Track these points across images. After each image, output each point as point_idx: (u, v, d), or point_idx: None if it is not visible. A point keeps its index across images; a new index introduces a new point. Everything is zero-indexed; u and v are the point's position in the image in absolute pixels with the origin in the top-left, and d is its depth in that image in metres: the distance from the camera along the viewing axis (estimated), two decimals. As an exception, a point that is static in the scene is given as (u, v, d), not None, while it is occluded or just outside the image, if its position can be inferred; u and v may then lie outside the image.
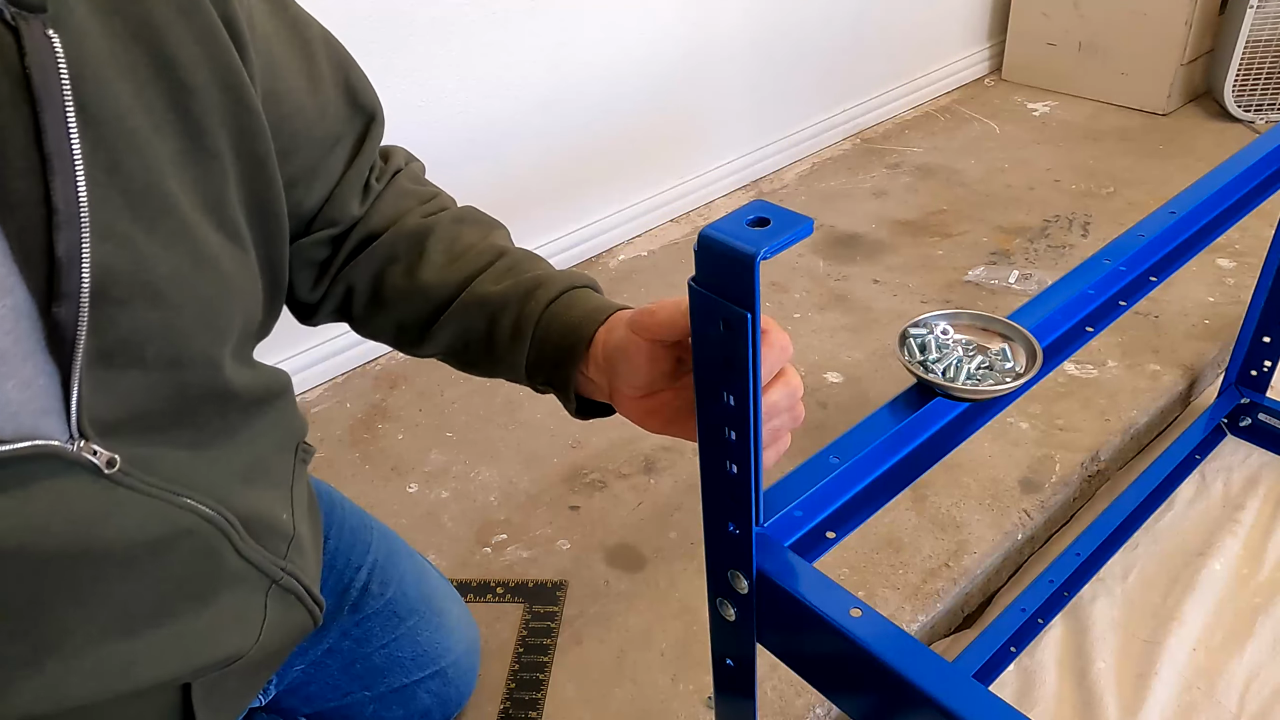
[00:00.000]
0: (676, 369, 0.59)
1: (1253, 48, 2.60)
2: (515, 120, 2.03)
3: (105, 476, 0.53)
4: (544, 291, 0.67)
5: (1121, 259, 0.90)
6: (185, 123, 0.53)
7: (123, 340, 0.52)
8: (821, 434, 1.63)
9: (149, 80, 0.51)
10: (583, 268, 2.29)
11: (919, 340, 0.77)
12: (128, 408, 0.54)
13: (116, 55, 0.50)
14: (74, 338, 0.48)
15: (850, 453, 0.71)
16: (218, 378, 0.60)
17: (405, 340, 0.75)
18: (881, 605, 1.39)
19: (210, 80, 0.54)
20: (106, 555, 0.55)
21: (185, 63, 0.53)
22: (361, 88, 0.72)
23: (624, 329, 0.59)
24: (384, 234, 0.73)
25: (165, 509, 0.58)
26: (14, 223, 0.46)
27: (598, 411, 0.69)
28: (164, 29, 0.52)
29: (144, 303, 0.52)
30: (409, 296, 0.71)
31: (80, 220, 0.47)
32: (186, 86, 0.53)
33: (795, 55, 2.55)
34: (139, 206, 0.51)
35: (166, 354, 0.55)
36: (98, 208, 0.48)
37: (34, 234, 0.46)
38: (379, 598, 0.95)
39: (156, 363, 0.54)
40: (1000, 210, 2.40)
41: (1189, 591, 1.44)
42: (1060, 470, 1.61)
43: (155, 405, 0.56)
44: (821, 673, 0.66)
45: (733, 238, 0.44)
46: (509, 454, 1.72)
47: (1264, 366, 1.62)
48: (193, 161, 0.54)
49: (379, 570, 0.95)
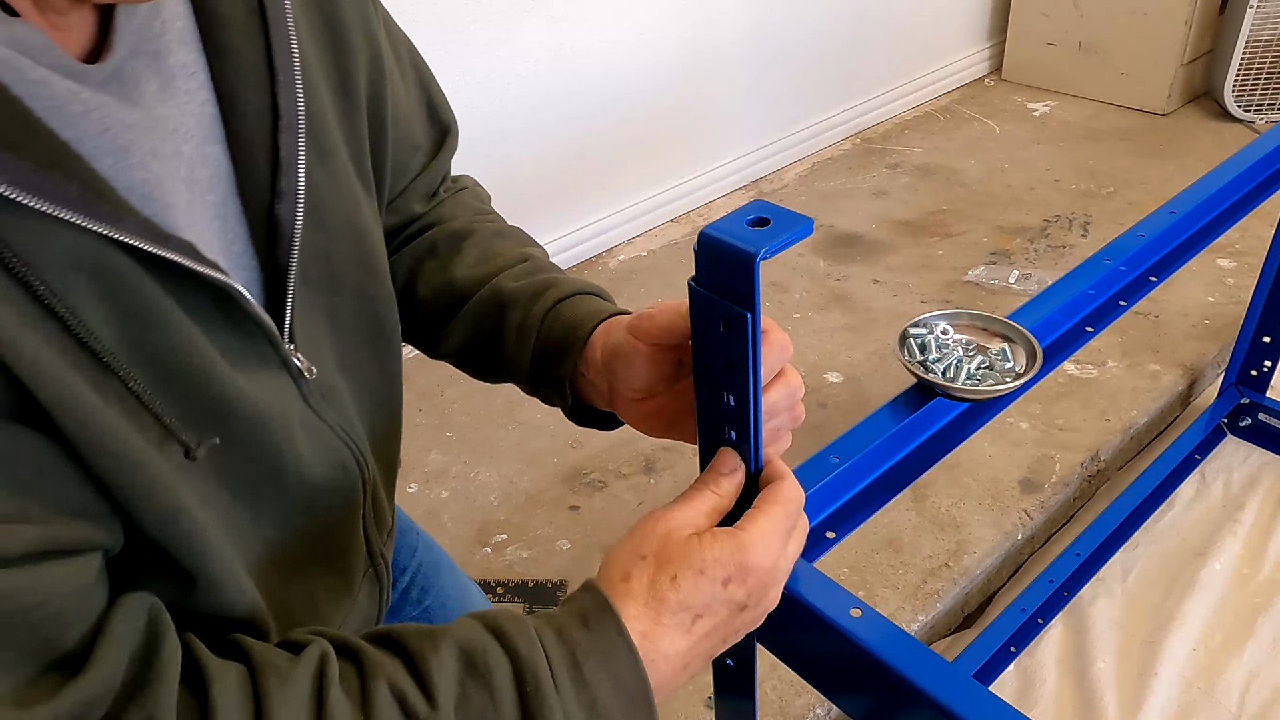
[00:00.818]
0: (676, 372, 0.60)
1: (1253, 48, 2.60)
2: (515, 120, 2.03)
3: (301, 390, 0.56)
4: (553, 292, 0.69)
5: (1121, 259, 0.90)
6: (340, 74, 0.59)
7: (310, 264, 0.56)
8: (821, 434, 1.63)
9: (320, 28, 0.57)
10: (583, 267, 2.29)
11: (919, 340, 0.77)
12: (315, 331, 0.58)
13: (300, 8, 0.55)
14: (291, 235, 0.53)
15: (850, 453, 0.72)
16: (380, 313, 0.64)
17: (427, 336, 0.77)
18: (881, 605, 1.39)
19: (362, 44, 0.60)
20: (293, 473, 0.55)
21: (347, 23, 0.59)
22: (439, 103, 0.76)
23: (623, 333, 0.60)
24: (431, 229, 0.77)
25: (334, 441, 0.59)
26: (244, 130, 0.51)
27: (596, 420, 0.69)
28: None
29: (319, 229, 0.56)
30: (437, 290, 0.74)
31: (298, 126, 0.52)
32: (345, 43, 0.59)
33: (795, 55, 2.55)
34: (317, 142, 0.55)
35: (346, 279, 0.59)
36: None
37: (261, 139, 0.52)
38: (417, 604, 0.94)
39: (338, 285, 0.59)
40: (1000, 210, 2.40)
41: (1189, 591, 1.44)
42: (1060, 470, 1.61)
43: (334, 332, 0.60)
44: (821, 673, 0.67)
45: (733, 238, 0.44)
46: (509, 454, 1.72)
47: (1264, 366, 1.62)
48: (343, 113, 0.59)
49: (420, 577, 0.95)
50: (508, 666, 0.47)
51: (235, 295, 0.48)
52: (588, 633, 0.48)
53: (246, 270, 0.53)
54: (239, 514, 0.52)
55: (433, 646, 0.47)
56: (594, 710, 0.48)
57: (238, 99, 0.51)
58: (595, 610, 0.49)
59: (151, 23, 0.47)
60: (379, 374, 0.66)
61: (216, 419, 0.48)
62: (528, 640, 0.47)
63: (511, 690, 0.47)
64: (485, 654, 0.47)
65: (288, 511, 0.57)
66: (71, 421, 0.40)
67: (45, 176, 0.39)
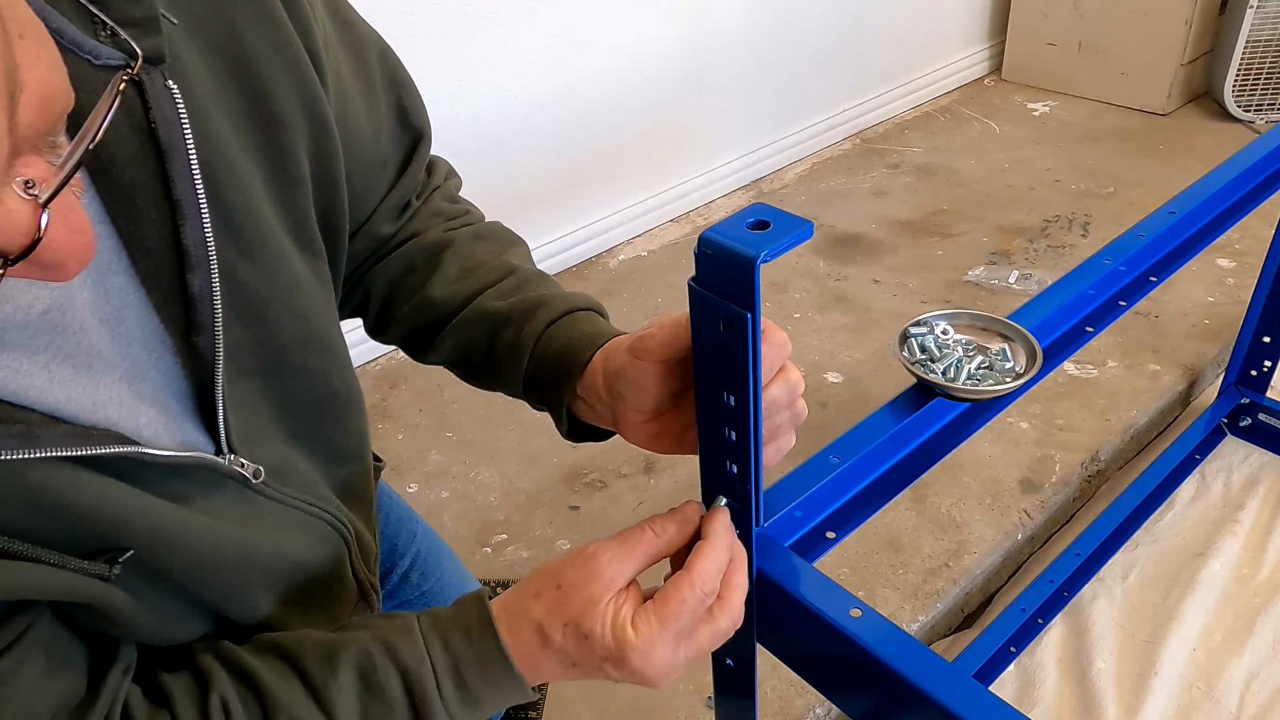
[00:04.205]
0: (685, 387, 0.59)
1: (1253, 48, 2.60)
2: (515, 120, 2.03)
3: (251, 487, 0.57)
4: (545, 311, 0.68)
5: (1121, 259, 0.90)
6: (274, 151, 0.56)
7: (247, 359, 0.56)
8: (821, 434, 1.63)
9: (244, 114, 0.54)
10: (583, 268, 2.29)
11: (919, 340, 0.77)
12: (259, 421, 0.58)
13: (217, 94, 0.52)
14: (213, 362, 0.52)
15: (850, 453, 0.71)
16: (332, 380, 0.64)
17: (413, 347, 0.76)
18: (881, 605, 1.39)
19: (297, 109, 0.56)
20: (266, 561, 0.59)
21: (276, 94, 0.55)
22: (413, 108, 0.73)
23: (624, 355, 0.59)
24: (405, 245, 0.75)
25: (304, 518, 0.62)
26: (149, 265, 0.49)
27: (591, 435, 0.69)
28: (259, 64, 0.54)
29: (255, 324, 0.56)
30: (419, 307, 0.72)
31: (210, 260, 0.50)
32: (277, 118, 0.55)
33: (795, 55, 2.55)
34: (241, 237, 0.53)
35: (290, 360, 0.59)
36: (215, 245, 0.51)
37: (168, 275, 0.50)
38: (417, 588, 0.95)
39: (281, 368, 0.59)
40: (1000, 210, 2.40)
41: (1189, 591, 1.44)
42: (1060, 470, 1.61)
43: (282, 416, 0.60)
44: (821, 673, 0.67)
45: (733, 240, 0.44)
46: (509, 454, 1.72)
47: (1264, 366, 1.62)
48: (279, 187, 0.57)
49: (420, 562, 0.96)
50: (398, 679, 0.54)
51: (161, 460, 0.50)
52: (469, 644, 0.55)
53: (179, 381, 0.53)
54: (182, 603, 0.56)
55: (331, 672, 0.53)
56: (477, 708, 0.56)
57: (139, 236, 0.48)
58: (478, 624, 0.55)
59: None
60: (340, 433, 0.67)
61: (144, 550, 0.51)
62: (415, 654, 0.54)
63: (403, 697, 0.54)
64: (378, 669, 0.54)
65: (249, 598, 0.59)
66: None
67: None
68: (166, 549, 0.51)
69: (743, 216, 0.45)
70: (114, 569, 0.49)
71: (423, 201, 0.76)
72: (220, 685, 0.52)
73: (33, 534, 0.46)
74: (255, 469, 0.57)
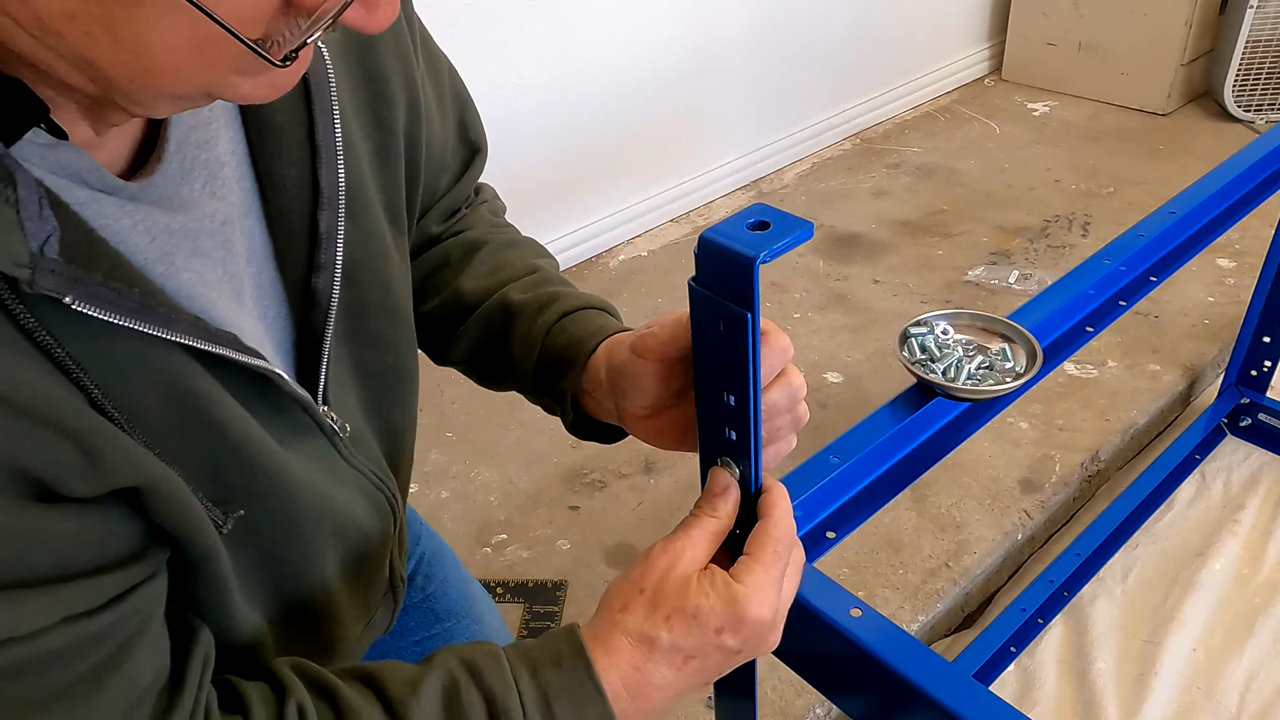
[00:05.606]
0: (685, 385, 0.60)
1: (1253, 48, 2.60)
2: (515, 120, 2.03)
3: (335, 444, 0.58)
4: (559, 305, 0.70)
5: (1121, 259, 0.90)
6: (381, 126, 0.59)
7: (347, 312, 0.58)
8: (821, 434, 1.63)
9: (360, 84, 0.58)
10: (583, 267, 2.29)
11: (919, 340, 0.77)
12: (342, 381, 0.60)
13: (339, 61, 0.55)
14: (328, 304, 0.54)
15: (850, 453, 0.72)
16: (403, 356, 0.65)
17: (435, 344, 0.78)
18: (881, 605, 1.39)
19: (401, 92, 0.60)
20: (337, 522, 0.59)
21: (388, 74, 0.59)
22: (472, 123, 0.77)
23: (627, 352, 0.60)
24: (446, 240, 0.78)
25: (369, 487, 0.62)
26: (282, 204, 0.52)
27: (596, 433, 0.70)
28: (375, 41, 0.58)
29: (347, 284, 0.57)
30: (448, 299, 0.75)
31: (339, 201, 0.53)
32: (387, 96, 0.59)
33: (795, 55, 2.55)
34: (353, 205, 0.56)
35: (372, 330, 0.61)
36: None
37: (300, 214, 0.53)
38: (421, 590, 0.95)
39: (365, 336, 0.61)
40: (1000, 210, 2.40)
41: (1189, 591, 1.44)
42: (1060, 470, 1.61)
43: (358, 382, 0.61)
44: (821, 673, 0.67)
45: (733, 241, 0.44)
46: (509, 454, 1.72)
47: (1264, 366, 1.62)
48: (382, 161, 0.60)
49: (425, 564, 0.96)
50: (483, 706, 0.51)
51: (274, 378, 0.51)
52: (560, 673, 0.52)
53: (282, 333, 0.55)
54: (263, 572, 0.56)
55: (413, 693, 0.51)
56: None
57: (277, 175, 0.52)
58: (569, 653, 0.52)
59: (200, 110, 0.49)
60: (402, 413, 0.68)
61: (251, 494, 0.51)
62: (503, 681, 0.51)
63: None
64: (462, 695, 0.51)
65: (319, 562, 0.59)
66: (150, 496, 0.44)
67: (110, 289, 0.42)
68: (266, 490, 0.51)
69: (743, 217, 0.45)
70: (228, 523, 0.50)
71: (470, 209, 0.80)
72: (298, 694, 0.51)
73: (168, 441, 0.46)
74: (343, 424, 0.58)
